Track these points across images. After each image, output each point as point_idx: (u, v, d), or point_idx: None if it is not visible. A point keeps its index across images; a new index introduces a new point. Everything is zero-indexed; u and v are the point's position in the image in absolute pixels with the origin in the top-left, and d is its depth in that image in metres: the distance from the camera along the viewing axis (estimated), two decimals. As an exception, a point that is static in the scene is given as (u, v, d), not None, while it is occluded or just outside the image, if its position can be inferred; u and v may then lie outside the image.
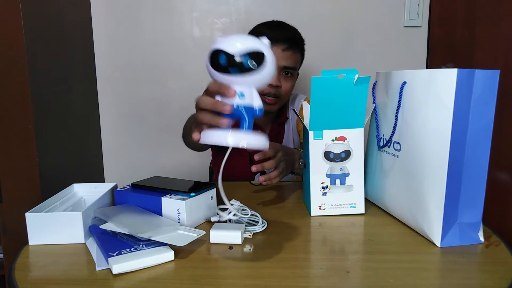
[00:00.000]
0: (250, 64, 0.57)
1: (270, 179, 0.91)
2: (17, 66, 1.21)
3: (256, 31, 1.18)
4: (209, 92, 0.62)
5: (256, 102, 0.61)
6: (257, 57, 0.58)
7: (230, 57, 0.57)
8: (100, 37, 1.75)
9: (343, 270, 0.60)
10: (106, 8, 1.72)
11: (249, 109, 0.60)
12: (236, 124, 0.60)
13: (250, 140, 0.57)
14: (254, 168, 0.88)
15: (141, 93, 1.78)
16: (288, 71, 1.16)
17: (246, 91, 0.60)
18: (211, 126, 0.61)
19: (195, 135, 0.62)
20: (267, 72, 0.59)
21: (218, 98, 0.61)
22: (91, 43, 1.73)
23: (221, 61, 0.58)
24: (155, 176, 0.93)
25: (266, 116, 1.27)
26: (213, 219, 0.78)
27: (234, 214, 0.71)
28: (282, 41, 1.13)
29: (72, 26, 1.56)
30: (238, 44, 0.58)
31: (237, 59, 0.57)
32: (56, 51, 1.42)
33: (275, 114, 1.28)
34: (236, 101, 0.59)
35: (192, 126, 0.85)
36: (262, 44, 0.60)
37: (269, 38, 1.06)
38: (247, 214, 0.79)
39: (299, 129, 1.29)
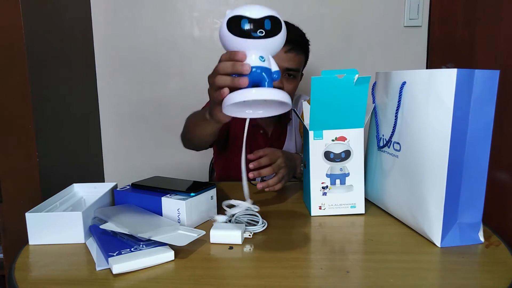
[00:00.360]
0: (269, 29, 0.60)
1: (268, 186, 0.92)
2: (17, 66, 1.21)
3: None
4: (221, 68, 0.63)
5: (274, 66, 0.63)
6: (275, 22, 0.61)
7: (253, 22, 0.60)
8: (100, 37, 1.75)
9: (343, 270, 0.60)
10: (106, 8, 1.72)
11: (269, 71, 0.62)
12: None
13: (274, 93, 0.58)
14: (251, 175, 0.89)
15: (141, 93, 1.78)
16: (291, 73, 1.14)
17: (265, 55, 0.62)
18: (231, 89, 0.61)
19: (225, 90, 0.61)
20: (282, 37, 0.62)
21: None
22: (91, 43, 1.73)
23: (243, 27, 0.60)
24: (155, 176, 0.93)
25: (268, 117, 1.26)
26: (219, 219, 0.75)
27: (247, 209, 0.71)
28: (285, 43, 1.12)
29: (72, 25, 1.56)
30: (259, 11, 0.60)
31: (260, 24, 0.60)
32: (56, 51, 1.42)
33: (278, 115, 1.27)
34: (256, 63, 0.60)
35: (199, 117, 0.86)
36: (275, 11, 0.63)
37: None
38: (251, 214, 0.79)
39: (302, 130, 1.29)
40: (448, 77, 0.64)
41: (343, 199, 0.83)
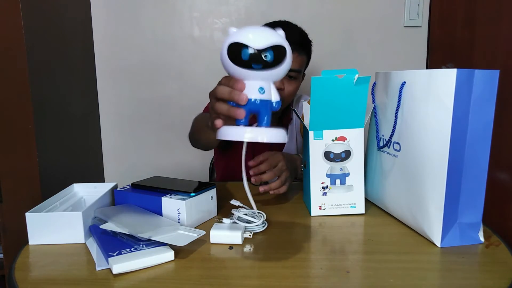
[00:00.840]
0: (271, 59, 0.55)
1: (270, 189, 0.90)
2: (17, 66, 1.21)
3: None
4: (219, 93, 0.61)
5: (275, 97, 0.60)
6: (279, 51, 0.56)
7: (254, 52, 0.55)
8: (100, 37, 1.75)
9: (343, 270, 0.60)
10: (106, 8, 1.72)
11: (268, 103, 0.59)
12: (252, 121, 0.59)
13: (269, 134, 0.56)
14: (252, 180, 0.89)
15: (141, 93, 1.78)
16: (292, 74, 1.13)
17: (265, 85, 0.58)
18: (227, 118, 0.60)
19: (218, 122, 0.59)
20: (286, 65, 0.58)
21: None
22: (91, 43, 1.73)
23: (244, 57, 0.55)
24: (155, 176, 0.93)
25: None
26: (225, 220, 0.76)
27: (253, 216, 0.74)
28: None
29: (72, 25, 1.56)
30: (263, 40, 0.55)
31: (262, 54, 0.55)
32: (56, 51, 1.42)
33: (279, 115, 1.28)
34: (255, 96, 0.57)
35: (204, 123, 0.85)
36: (281, 37, 0.57)
37: None
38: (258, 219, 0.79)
39: (302, 130, 1.29)
40: (447, 77, 0.64)
41: (343, 199, 0.83)
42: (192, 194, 0.77)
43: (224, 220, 0.75)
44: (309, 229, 0.77)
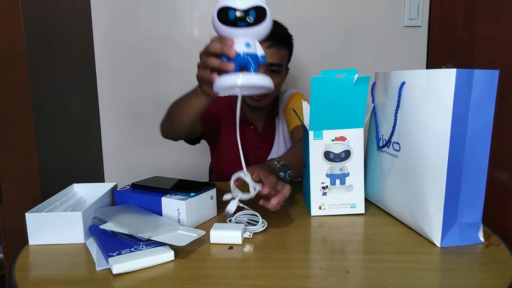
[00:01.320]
0: (253, 18, 0.65)
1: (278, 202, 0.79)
2: (17, 66, 1.21)
3: None
4: (211, 48, 0.69)
5: (260, 51, 0.69)
6: (260, 12, 0.66)
7: (238, 13, 0.65)
8: (100, 37, 1.75)
9: (343, 270, 0.60)
10: (106, 8, 1.72)
11: (254, 57, 0.68)
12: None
13: (256, 79, 0.66)
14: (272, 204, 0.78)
15: (141, 93, 1.78)
16: (274, 68, 1.15)
17: (251, 41, 0.68)
18: (219, 72, 0.68)
19: (213, 76, 0.68)
20: (267, 24, 0.67)
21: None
22: (91, 43, 1.73)
23: (231, 17, 0.65)
24: (155, 176, 0.93)
25: (258, 112, 1.27)
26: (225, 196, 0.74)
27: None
28: (266, 38, 1.11)
29: (72, 25, 1.56)
30: (246, 2, 0.65)
31: (245, 14, 0.65)
32: (56, 51, 1.42)
33: (268, 110, 1.29)
34: (243, 49, 0.67)
35: (187, 95, 0.87)
36: (262, 1, 0.67)
37: None
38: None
39: (286, 116, 1.29)
40: (447, 77, 0.64)
41: (343, 199, 0.83)
42: (192, 194, 0.77)
43: (225, 196, 0.73)
44: (309, 229, 0.77)
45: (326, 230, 0.76)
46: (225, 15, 0.66)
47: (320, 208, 0.83)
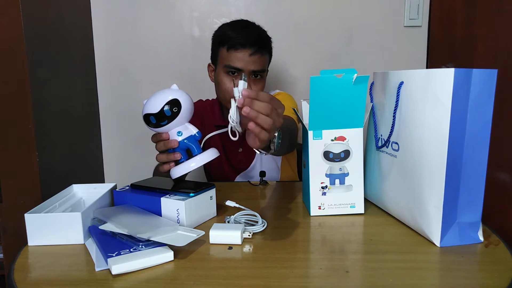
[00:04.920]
0: (171, 112, 0.74)
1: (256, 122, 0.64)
2: (17, 66, 1.21)
3: (221, 34, 1.16)
4: (157, 148, 0.79)
5: (193, 130, 0.78)
6: (174, 104, 0.74)
7: (155, 115, 0.75)
8: (100, 37, 1.75)
9: (342, 270, 0.60)
10: (106, 8, 1.72)
11: (191, 137, 0.77)
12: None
13: (204, 157, 0.76)
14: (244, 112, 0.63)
15: (141, 93, 1.78)
16: (257, 74, 1.15)
17: (181, 128, 0.77)
18: (174, 162, 0.78)
19: (166, 167, 0.78)
20: (186, 107, 0.76)
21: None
22: (91, 43, 1.73)
23: (152, 121, 0.75)
24: (155, 176, 0.93)
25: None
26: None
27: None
28: (249, 45, 1.11)
29: (72, 26, 1.56)
30: (156, 104, 0.74)
31: (161, 114, 0.74)
32: (56, 51, 1.42)
33: None
34: (179, 139, 0.77)
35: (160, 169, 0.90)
36: (173, 91, 0.76)
37: (235, 43, 1.11)
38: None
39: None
40: (445, 76, 0.64)
41: (343, 199, 0.83)
42: (191, 194, 0.77)
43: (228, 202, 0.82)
44: (308, 229, 0.77)
45: (325, 230, 0.76)
46: (148, 120, 0.76)
47: (319, 208, 0.83)
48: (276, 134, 0.72)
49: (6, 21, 1.19)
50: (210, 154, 0.77)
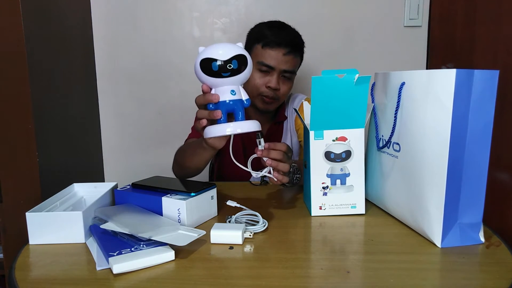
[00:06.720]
0: (236, 67, 0.69)
1: (277, 169, 0.82)
2: (17, 66, 1.21)
3: (258, 32, 1.18)
4: (197, 101, 0.76)
5: (244, 96, 0.74)
6: (241, 60, 0.70)
7: (222, 64, 0.69)
8: (100, 37, 1.74)
9: (343, 270, 0.60)
10: (106, 8, 1.72)
11: (240, 102, 0.73)
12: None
13: (244, 126, 0.71)
14: (268, 162, 0.81)
15: (141, 93, 1.78)
16: (287, 75, 1.17)
17: (235, 88, 0.72)
18: (210, 121, 0.73)
19: (203, 121, 0.73)
20: (248, 70, 0.72)
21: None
22: (91, 43, 1.73)
23: (214, 68, 0.69)
24: (155, 176, 0.93)
25: (263, 115, 1.27)
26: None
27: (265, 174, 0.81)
28: (284, 45, 1.14)
29: (72, 26, 1.56)
30: (225, 52, 0.69)
31: (227, 64, 0.69)
32: (56, 51, 1.42)
33: (272, 114, 1.29)
34: (229, 97, 0.71)
35: (195, 146, 0.92)
36: (241, 48, 0.71)
37: (270, 41, 1.09)
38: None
39: (297, 128, 1.29)
40: (447, 77, 0.64)
41: (344, 199, 0.83)
42: (192, 194, 0.77)
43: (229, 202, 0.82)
44: (309, 229, 0.77)
45: (326, 230, 0.76)
46: (209, 66, 0.69)
47: (320, 208, 0.83)
48: (291, 170, 0.88)
49: (6, 21, 1.19)
50: (249, 125, 0.71)
